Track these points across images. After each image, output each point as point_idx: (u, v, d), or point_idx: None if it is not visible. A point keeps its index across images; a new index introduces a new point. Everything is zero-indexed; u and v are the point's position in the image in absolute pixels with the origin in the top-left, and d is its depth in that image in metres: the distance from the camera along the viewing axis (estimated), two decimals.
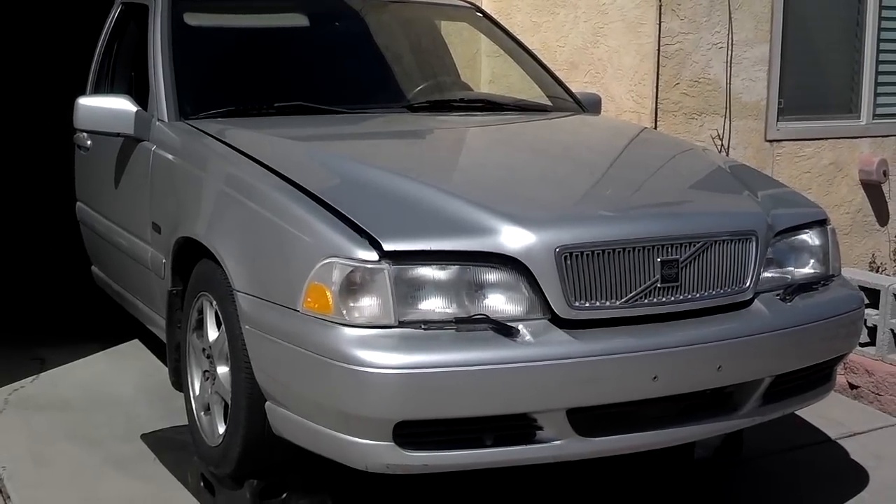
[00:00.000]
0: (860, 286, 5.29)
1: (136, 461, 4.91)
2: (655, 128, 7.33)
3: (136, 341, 6.53)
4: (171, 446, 4.98)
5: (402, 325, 3.68)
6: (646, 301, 3.91)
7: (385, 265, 3.67)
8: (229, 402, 4.26)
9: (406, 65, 6.44)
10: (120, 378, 6.00)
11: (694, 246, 4.00)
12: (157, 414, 5.39)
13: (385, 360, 3.59)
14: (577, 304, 3.80)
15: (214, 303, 4.36)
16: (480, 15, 6.65)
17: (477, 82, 7.87)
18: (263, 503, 4.24)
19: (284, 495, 4.27)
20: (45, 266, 8.36)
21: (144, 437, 5.13)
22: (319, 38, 6.05)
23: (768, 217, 4.30)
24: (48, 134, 8.59)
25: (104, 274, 6.35)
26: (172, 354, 4.84)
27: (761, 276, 4.20)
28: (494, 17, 6.88)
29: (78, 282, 7.19)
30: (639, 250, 3.90)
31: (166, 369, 4.97)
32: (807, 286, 4.37)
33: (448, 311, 3.73)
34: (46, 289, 7.90)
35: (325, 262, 3.72)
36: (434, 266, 3.75)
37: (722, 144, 7.66)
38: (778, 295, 4.25)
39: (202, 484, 4.54)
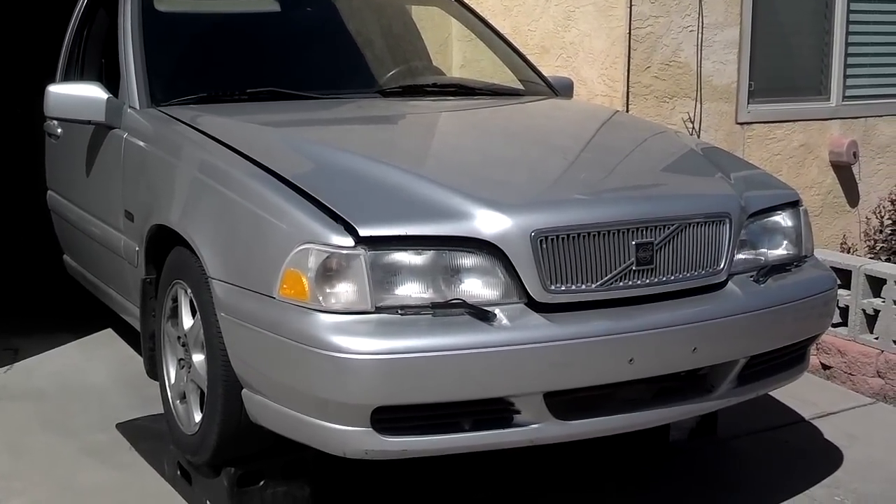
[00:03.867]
0: (832, 267, 5.31)
1: (111, 450, 4.91)
2: (627, 111, 7.33)
3: (109, 330, 6.52)
4: (147, 435, 4.97)
5: (378, 310, 3.68)
6: (621, 284, 3.92)
7: (361, 251, 3.67)
8: (205, 390, 4.24)
9: (378, 50, 6.43)
10: (94, 367, 5.99)
11: (668, 228, 4.01)
12: (131, 403, 5.38)
13: (362, 345, 3.59)
14: (553, 287, 3.80)
15: (189, 290, 4.34)
16: None
17: (448, 67, 7.86)
18: (241, 491, 4.22)
19: (262, 483, 4.25)
20: (16, 255, 8.31)
21: (120, 426, 5.12)
22: (291, 23, 6.03)
23: (741, 199, 4.32)
24: (18, 122, 8.52)
25: (76, 263, 6.33)
26: (147, 343, 4.82)
27: (735, 258, 4.22)
28: (465, 1, 6.87)
29: (50, 271, 7.15)
30: (614, 233, 3.91)
31: (140, 358, 4.97)
32: (780, 267, 4.39)
33: (425, 296, 3.73)
34: (18, 278, 7.86)
35: (300, 248, 3.72)
36: (410, 251, 3.75)
37: (693, 127, 7.68)
38: (751, 276, 4.27)
39: (178, 472, 4.53)
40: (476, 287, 3.79)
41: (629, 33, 7.37)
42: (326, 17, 6.19)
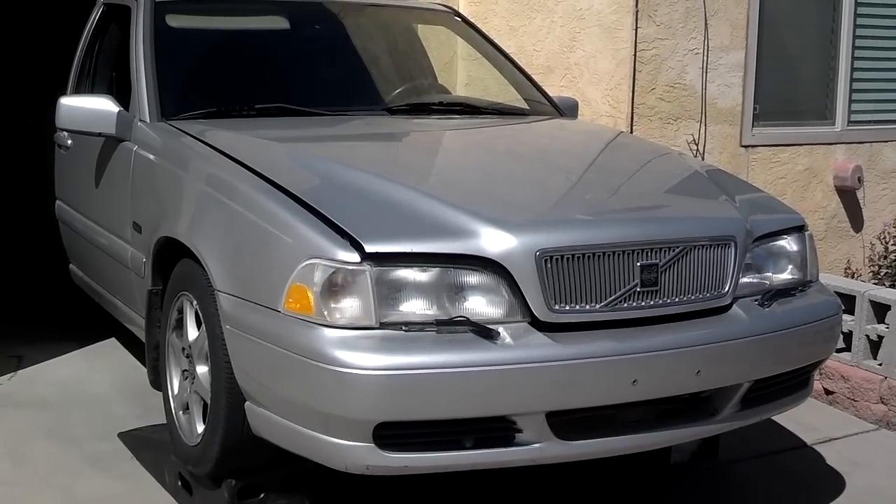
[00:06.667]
0: (836, 292, 5.31)
1: (113, 460, 4.92)
2: (631, 132, 7.35)
3: (113, 340, 6.53)
4: (149, 445, 4.97)
5: (383, 326, 3.69)
6: (625, 305, 3.93)
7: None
8: (208, 402, 4.26)
9: (385, 68, 6.46)
10: (97, 376, 6.00)
11: (673, 250, 4.02)
12: (134, 413, 5.39)
13: (366, 361, 3.60)
14: (557, 307, 3.82)
15: (195, 302, 4.36)
16: (458, 19, 6.68)
17: (453, 85, 7.89)
18: (241, 503, 4.24)
19: (262, 495, 4.27)
20: (23, 263, 8.33)
21: (122, 435, 5.13)
22: (300, 40, 6.09)
23: (747, 222, 4.33)
24: (29, 132, 8.55)
25: (83, 272, 6.34)
26: (151, 353, 4.84)
27: (740, 282, 4.22)
28: (472, 20, 6.90)
29: (56, 280, 7.17)
30: (619, 254, 3.92)
31: (144, 368, 4.97)
32: (785, 292, 4.39)
33: (429, 312, 3.75)
34: (25, 286, 7.88)
35: (306, 263, 3.74)
36: (415, 268, 3.76)
37: (697, 149, 7.69)
38: (756, 300, 4.27)
39: (180, 483, 4.54)
40: (480, 305, 3.80)
41: (634, 55, 7.40)
42: (335, 35, 6.22)
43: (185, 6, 5.87)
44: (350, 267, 3.69)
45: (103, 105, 5.19)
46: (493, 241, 3.80)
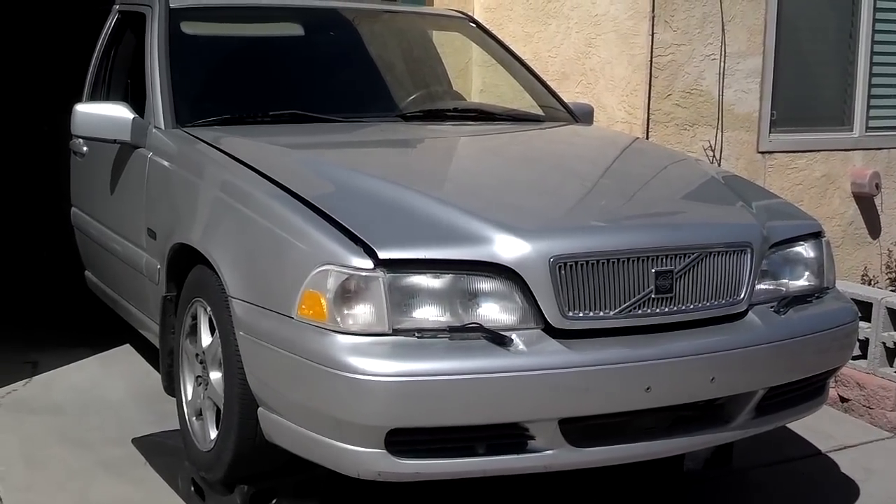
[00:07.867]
0: (852, 299, 5.29)
1: (127, 465, 4.92)
2: (647, 138, 7.34)
3: (127, 346, 6.53)
4: (162, 451, 4.98)
5: (396, 332, 3.69)
6: (640, 312, 3.92)
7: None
8: (222, 408, 4.27)
9: (399, 74, 6.47)
10: (112, 382, 6.01)
11: (688, 257, 4.00)
12: (148, 418, 5.39)
13: (379, 367, 3.60)
14: (570, 314, 3.80)
15: (209, 308, 4.36)
16: (473, 25, 6.67)
17: (468, 92, 7.88)
18: None
19: (275, 501, 4.27)
20: (38, 270, 8.35)
21: (136, 441, 5.14)
22: (314, 47, 6.10)
23: (763, 229, 4.31)
24: (44, 139, 8.57)
25: (97, 278, 6.35)
26: (165, 359, 4.85)
27: (756, 288, 4.20)
28: (487, 26, 6.89)
29: (71, 286, 7.18)
30: (633, 261, 3.91)
31: (158, 374, 4.99)
32: (801, 298, 4.37)
33: (442, 319, 3.74)
34: (40, 292, 7.89)
35: (320, 269, 3.74)
36: (428, 274, 3.76)
37: (714, 156, 7.68)
38: (772, 307, 4.25)
39: (193, 489, 4.54)
40: (493, 311, 3.80)
41: (651, 61, 7.39)
42: (349, 41, 6.24)
43: (201, 13, 5.88)
44: (363, 273, 3.69)
45: (118, 112, 5.21)
46: (507, 248, 3.79)
